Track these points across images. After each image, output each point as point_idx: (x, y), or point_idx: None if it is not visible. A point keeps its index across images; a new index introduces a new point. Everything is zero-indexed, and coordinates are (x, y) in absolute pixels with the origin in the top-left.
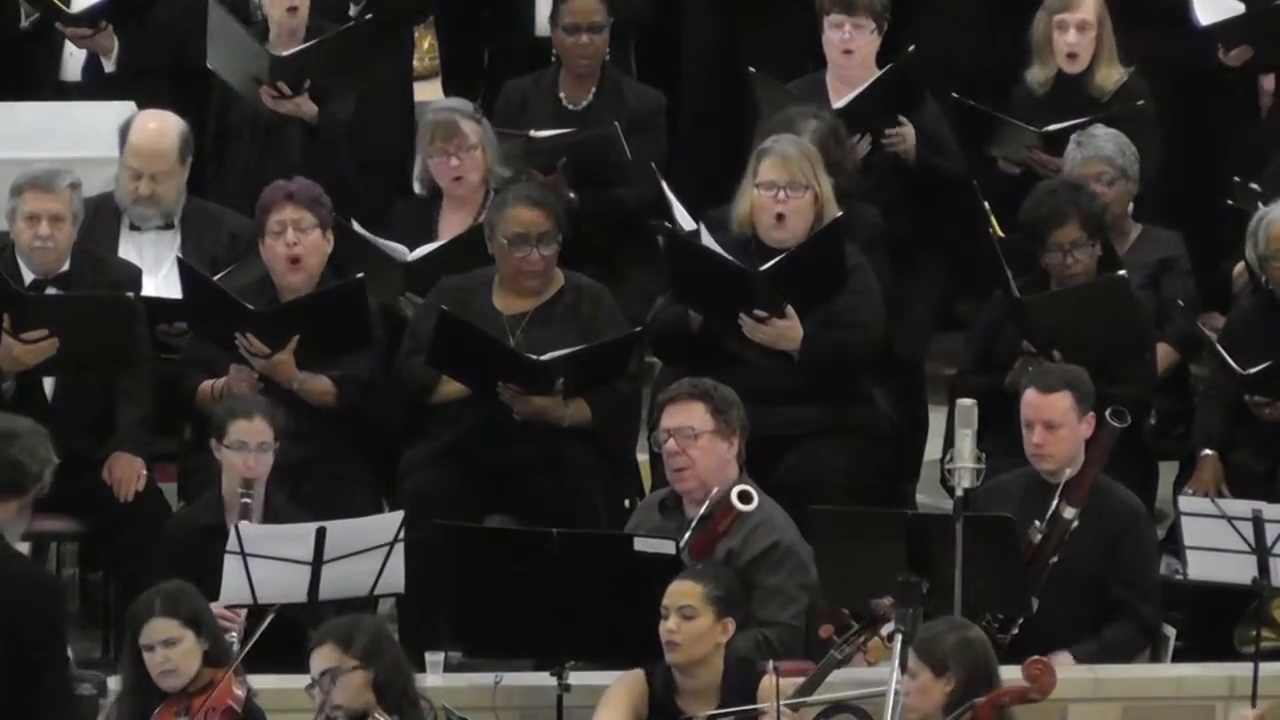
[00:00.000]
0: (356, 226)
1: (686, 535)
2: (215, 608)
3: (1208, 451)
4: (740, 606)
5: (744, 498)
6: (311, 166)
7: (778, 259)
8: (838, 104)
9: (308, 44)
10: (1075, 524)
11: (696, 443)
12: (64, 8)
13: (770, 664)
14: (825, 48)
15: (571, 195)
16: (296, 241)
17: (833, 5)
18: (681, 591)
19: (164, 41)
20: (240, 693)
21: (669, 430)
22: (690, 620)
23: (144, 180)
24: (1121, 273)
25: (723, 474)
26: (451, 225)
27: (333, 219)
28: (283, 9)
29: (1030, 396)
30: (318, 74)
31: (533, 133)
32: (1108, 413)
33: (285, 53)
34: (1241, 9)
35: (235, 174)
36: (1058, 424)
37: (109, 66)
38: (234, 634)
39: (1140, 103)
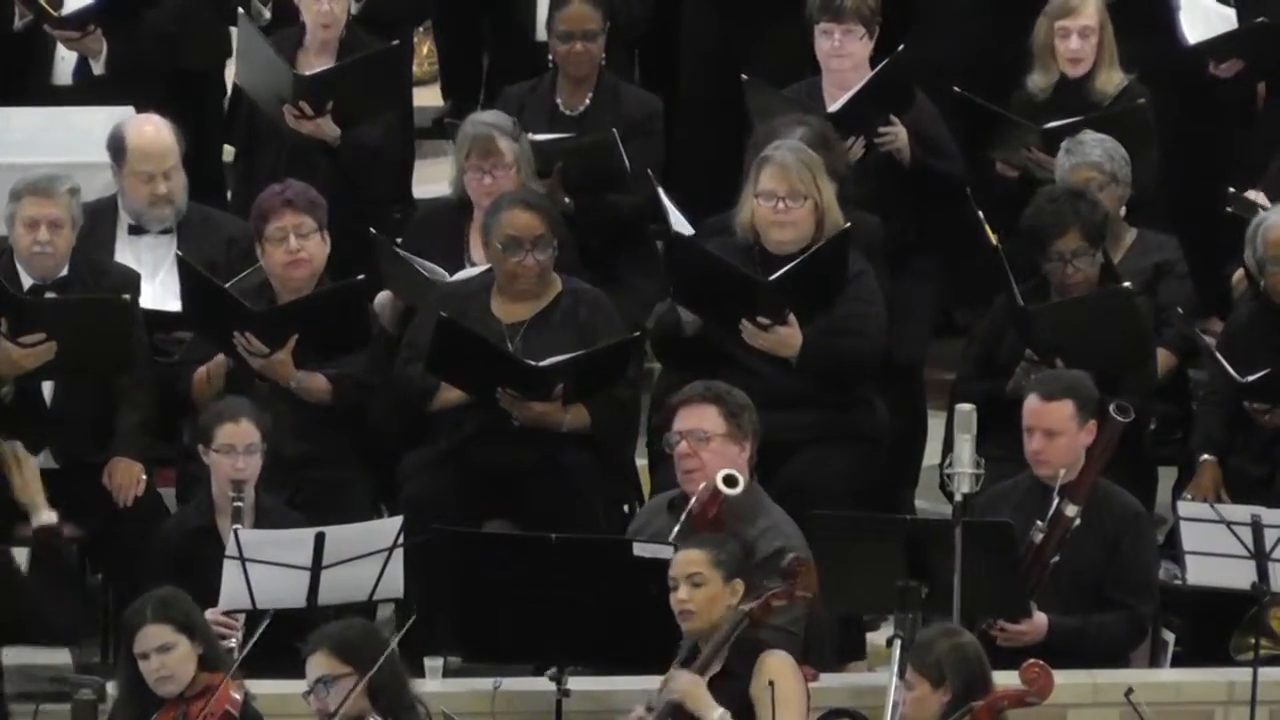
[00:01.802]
0: (434, 261)
1: (675, 529)
2: (213, 614)
3: (1207, 456)
4: (746, 568)
5: (729, 481)
6: (337, 183)
7: (786, 269)
8: (832, 108)
9: (333, 65)
10: (1077, 522)
11: (708, 445)
12: (53, 11)
13: (789, 558)
14: (818, 55)
15: (567, 200)
16: (300, 248)
17: (821, 13)
18: (688, 560)
19: (154, 45)
20: (238, 697)
21: (681, 432)
22: (700, 587)
23: (159, 180)
24: (1127, 284)
25: None
26: None
27: (379, 240)
28: (318, 19)
29: (1031, 403)
30: (342, 95)
31: (531, 137)
32: (1112, 407)
33: (309, 72)
34: (1225, 22)
35: (262, 180)
36: (1058, 431)
37: (97, 69)
38: (233, 641)
39: (1141, 101)
